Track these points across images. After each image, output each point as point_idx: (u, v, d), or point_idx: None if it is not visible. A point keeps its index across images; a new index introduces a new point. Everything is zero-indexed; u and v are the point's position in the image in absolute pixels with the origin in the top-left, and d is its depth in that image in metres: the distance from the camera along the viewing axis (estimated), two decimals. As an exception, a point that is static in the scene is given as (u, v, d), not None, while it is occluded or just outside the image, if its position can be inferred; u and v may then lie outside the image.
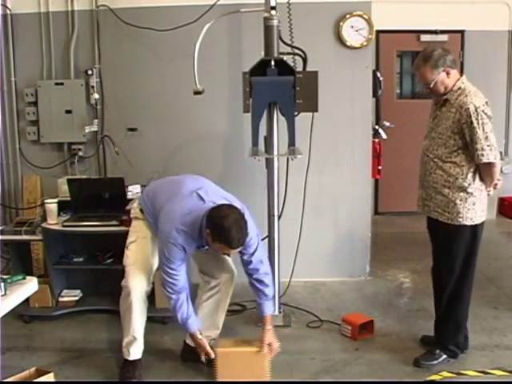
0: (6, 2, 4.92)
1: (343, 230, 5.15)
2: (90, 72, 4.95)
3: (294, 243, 4.72)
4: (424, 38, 6.98)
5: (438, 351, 3.67)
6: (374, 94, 5.09)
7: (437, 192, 3.54)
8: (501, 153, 7.19)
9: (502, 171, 7.27)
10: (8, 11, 4.94)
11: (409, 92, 7.61)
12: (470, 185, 3.45)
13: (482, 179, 3.50)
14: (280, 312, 4.34)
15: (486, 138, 3.33)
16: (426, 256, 5.17)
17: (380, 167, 5.18)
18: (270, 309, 3.64)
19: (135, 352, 3.60)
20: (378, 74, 5.10)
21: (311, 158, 4.54)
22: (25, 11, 4.96)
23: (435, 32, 7.00)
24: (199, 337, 3.51)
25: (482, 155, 3.34)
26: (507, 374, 3.54)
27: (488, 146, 3.34)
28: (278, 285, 4.31)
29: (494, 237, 6.52)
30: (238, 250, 3.29)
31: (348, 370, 3.66)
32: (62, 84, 4.97)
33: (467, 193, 3.46)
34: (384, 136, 5.25)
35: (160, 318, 4.23)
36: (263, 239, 4.54)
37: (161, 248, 3.41)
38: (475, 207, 3.49)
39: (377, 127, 5.30)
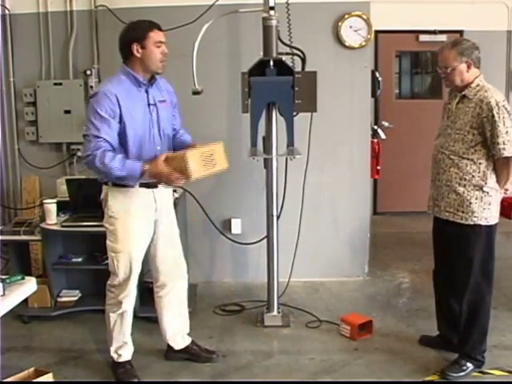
0: (4, 2, 4.92)
1: (342, 230, 5.15)
2: (88, 72, 4.95)
3: (293, 243, 4.73)
4: (423, 38, 6.99)
5: (463, 362, 3.56)
6: (373, 94, 5.10)
7: (450, 191, 3.48)
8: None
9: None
10: (7, 11, 4.94)
11: (408, 92, 7.62)
12: (486, 183, 3.41)
13: (497, 178, 3.45)
14: (279, 312, 4.34)
15: (507, 132, 3.29)
16: (424, 256, 5.20)
17: (379, 167, 5.19)
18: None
19: (127, 354, 3.62)
20: (377, 74, 5.11)
21: (310, 158, 4.55)
22: (23, 11, 4.96)
23: (434, 32, 7.00)
24: (146, 168, 3.17)
25: (504, 149, 3.29)
26: (506, 373, 3.55)
27: (509, 140, 3.29)
28: (276, 285, 4.32)
29: (492, 237, 6.53)
30: (163, 37, 3.30)
31: (347, 370, 3.66)
32: (60, 84, 4.97)
33: (483, 191, 3.41)
34: (383, 136, 5.26)
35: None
36: (262, 239, 4.57)
37: (87, 113, 3.25)
38: (491, 207, 3.45)
39: (375, 127, 5.31)
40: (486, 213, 3.45)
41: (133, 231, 3.41)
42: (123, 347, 3.60)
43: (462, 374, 3.53)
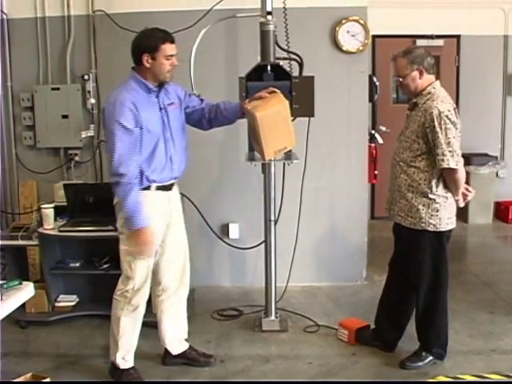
0: (2, 6, 4.92)
1: (340, 235, 5.16)
2: (86, 77, 4.95)
3: (291, 248, 4.73)
4: (420, 42, 6.99)
5: (424, 353, 3.70)
6: (371, 99, 5.11)
7: (401, 196, 3.56)
8: (496, 157, 7.27)
9: (497, 175, 7.38)
10: (4, 16, 4.94)
11: (405, 97, 7.58)
12: (432, 191, 3.46)
13: (446, 187, 3.49)
14: (277, 317, 4.33)
15: (449, 143, 3.33)
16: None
17: (376, 172, 5.19)
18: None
19: (132, 359, 3.62)
20: (374, 79, 5.11)
21: (307, 162, 4.55)
22: (21, 16, 4.95)
23: (431, 37, 7.03)
24: (149, 232, 3.29)
25: (443, 160, 3.34)
26: (504, 378, 3.55)
27: (450, 151, 3.33)
28: (274, 289, 4.31)
29: (489, 241, 6.54)
30: (175, 50, 3.36)
31: (345, 375, 3.66)
32: (58, 89, 4.97)
33: (429, 199, 3.47)
34: (380, 141, 5.26)
35: (157, 322, 4.22)
36: (259, 244, 4.57)
37: (109, 124, 3.25)
38: (439, 214, 3.49)
39: (373, 132, 5.32)
40: (434, 219, 3.50)
41: None
42: (130, 352, 3.60)
43: (420, 363, 3.68)
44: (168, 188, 3.50)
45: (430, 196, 3.46)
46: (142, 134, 3.29)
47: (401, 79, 3.53)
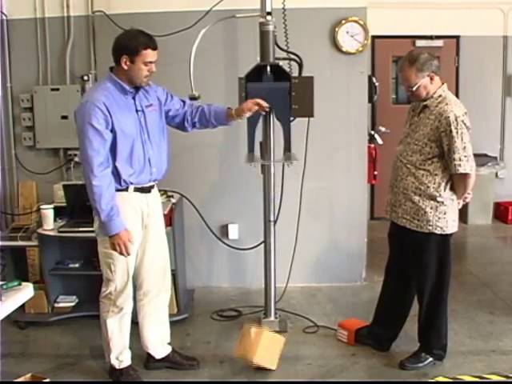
0: (2, 7, 4.92)
1: (339, 236, 5.16)
2: (85, 77, 4.94)
3: (290, 248, 4.72)
4: (419, 43, 7.00)
5: (423, 354, 3.71)
6: (370, 100, 5.10)
7: (407, 199, 3.54)
8: (496, 158, 7.27)
9: (497, 176, 7.38)
10: (4, 17, 4.94)
11: (404, 97, 7.58)
12: (440, 194, 3.45)
13: (452, 189, 3.49)
14: (276, 317, 4.33)
15: (464, 148, 3.33)
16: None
17: (376, 172, 5.18)
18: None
19: (127, 358, 3.63)
20: (374, 80, 5.11)
21: (307, 163, 4.55)
22: (21, 17, 4.95)
23: (431, 37, 7.03)
24: (124, 234, 3.30)
25: (460, 165, 3.34)
26: (503, 378, 3.54)
27: (465, 156, 3.33)
28: (273, 290, 4.31)
29: (489, 241, 6.54)
30: (155, 56, 3.30)
31: (345, 376, 3.66)
32: (57, 90, 4.97)
33: (437, 202, 3.46)
34: (380, 141, 5.26)
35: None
36: (259, 244, 4.56)
37: (80, 125, 3.23)
38: (446, 216, 3.49)
39: (372, 132, 5.31)
40: (442, 222, 3.50)
41: None
42: (124, 352, 3.60)
43: (420, 364, 3.69)
44: (146, 190, 3.47)
45: (438, 199, 3.46)
46: (117, 135, 3.25)
47: (413, 89, 3.44)
